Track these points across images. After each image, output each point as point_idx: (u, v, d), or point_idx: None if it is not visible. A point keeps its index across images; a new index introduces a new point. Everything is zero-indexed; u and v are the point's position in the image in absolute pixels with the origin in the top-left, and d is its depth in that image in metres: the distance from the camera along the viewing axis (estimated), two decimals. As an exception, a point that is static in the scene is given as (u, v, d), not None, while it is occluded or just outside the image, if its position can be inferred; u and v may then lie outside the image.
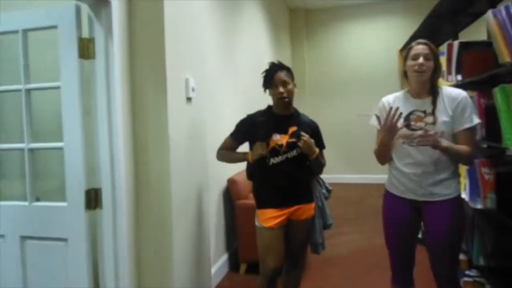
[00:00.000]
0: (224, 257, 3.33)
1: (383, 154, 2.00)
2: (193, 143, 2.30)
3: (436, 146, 1.79)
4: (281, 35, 6.59)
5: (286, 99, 2.11)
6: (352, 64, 7.24)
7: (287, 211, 2.14)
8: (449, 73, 2.53)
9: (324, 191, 2.32)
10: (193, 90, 2.24)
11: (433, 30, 3.66)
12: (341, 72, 7.34)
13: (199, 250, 2.33)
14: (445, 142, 1.80)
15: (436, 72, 1.90)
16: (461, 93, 1.91)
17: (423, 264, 2.15)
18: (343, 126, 7.10)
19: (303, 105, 7.53)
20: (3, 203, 1.98)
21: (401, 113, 1.83)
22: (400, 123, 1.85)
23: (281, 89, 2.09)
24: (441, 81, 2.73)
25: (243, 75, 4.09)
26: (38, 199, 2.26)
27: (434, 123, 1.87)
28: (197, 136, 2.35)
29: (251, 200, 2.78)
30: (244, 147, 2.27)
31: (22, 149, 1.92)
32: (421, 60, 1.86)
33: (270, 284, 2.14)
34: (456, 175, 1.94)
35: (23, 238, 1.94)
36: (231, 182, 3.26)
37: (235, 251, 3.40)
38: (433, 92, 1.92)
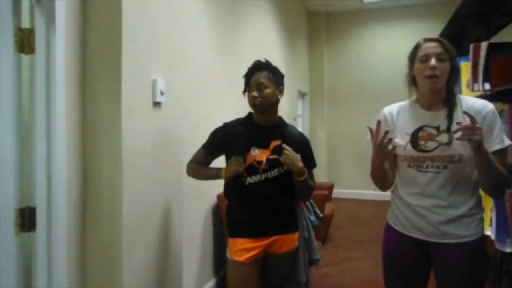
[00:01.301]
0: (211, 283, 2.97)
1: (379, 178, 1.60)
2: (162, 154, 1.97)
3: (479, 143, 1.31)
4: (297, 39, 6.22)
5: (258, 104, 1.74)
6: (374, 70, 6.78)
7: (263, 242, 1.76)
8: (475, 81, 2.08)
9: (313, 218, 1.93)
10: (162, 93, 1.91)
11: (459, 34, 3.19)
12: (362, 79, 6.90)
13: (163, 280, 1.98)
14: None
15: (452, 76, 1.48)
16: (487, 105, 1.48)
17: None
18: (363, 137, 6.57)
19: (320, 112, 7.20)
20: None
21: (390, 139, 1.42)
22: (392, 144, 1.44)
23: (254, 93, 1.73)
24: (465, 91, 2.30)
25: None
26: None
27: (449, 143, 1.46)
28: (167, 147, 2.02)
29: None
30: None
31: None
32: (433, 62, 1.44)
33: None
34: (478, 210, 1.50)
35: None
36: (221, 198, 2.90)
37: (225, 276, 3.04)
38: (449, 102, 1.50)
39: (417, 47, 1.53)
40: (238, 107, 3.30)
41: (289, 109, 5.59)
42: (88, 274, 1.69)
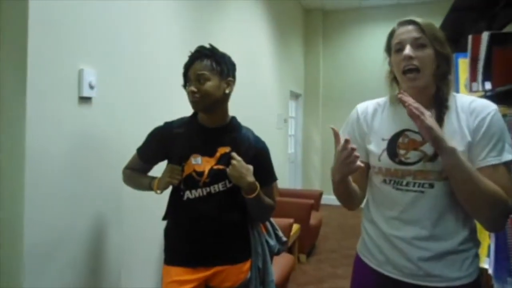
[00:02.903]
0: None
1: (341, 196, 1.25)
2: (93, 159, 1.62)
3: (428, 132, 1.02)
4: (291, 37, 5.89)
5: (197, 101, 1.39)
6: (372, 70, 6.40)
7: (202, 274, 1.42)
8: (474, 79, 1.73)
9: (273, 242, 1.58)
10: (91, 87, 1.58)
11: (458, 29, 2.83)
12: (360, 80, 6.56)
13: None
14: (451, 143, 1.03)
15: (442, 66, 1.14)
16: (489, 106, 1.12)
17: None
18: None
19: (315, 114, 6.86)
20: None
21: (353, 149, 1.06)
22: (356, 157, 1.07)
23: (192, 87, 1.39)
24: (463, 92, 1.95)
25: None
26: None
27: (436, 155, 1.11)
28: (102, 150, 1.67)
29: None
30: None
31: None
32: (407, 50, 1.11)
33: None
34: (472, 244, 1.15)
35: None
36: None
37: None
38: (438, 101, 1.15)
39: (391, 35, 1.20)
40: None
41: (280, 110, 5.25)
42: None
